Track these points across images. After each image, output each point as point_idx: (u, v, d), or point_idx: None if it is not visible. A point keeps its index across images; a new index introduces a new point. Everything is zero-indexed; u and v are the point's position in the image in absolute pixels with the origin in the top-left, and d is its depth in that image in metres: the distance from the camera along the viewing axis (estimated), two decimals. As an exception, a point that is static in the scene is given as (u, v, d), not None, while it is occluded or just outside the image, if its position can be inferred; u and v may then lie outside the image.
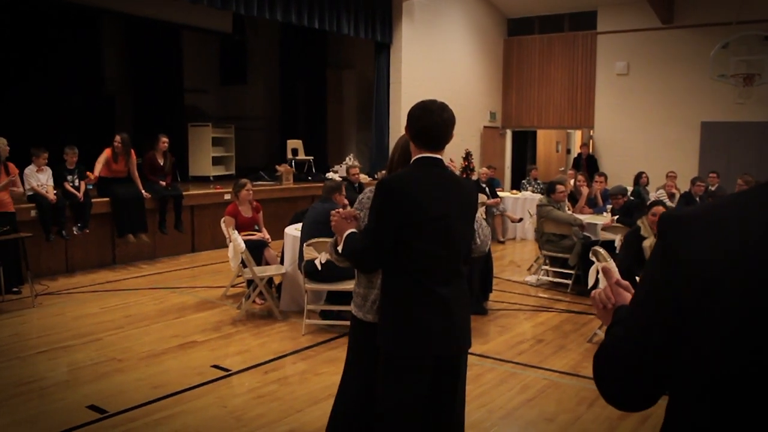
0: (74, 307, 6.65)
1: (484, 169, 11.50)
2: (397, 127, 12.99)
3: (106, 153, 8.56)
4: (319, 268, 5.47)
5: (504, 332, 6.05)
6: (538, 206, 7.69)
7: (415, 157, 2.70)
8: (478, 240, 3.05)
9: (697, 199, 9.62)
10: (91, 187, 8.53)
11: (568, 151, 17.88)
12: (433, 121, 2.63)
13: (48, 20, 10.87)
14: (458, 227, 2.69)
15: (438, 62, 13.55)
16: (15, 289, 7.01)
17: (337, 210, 3.29)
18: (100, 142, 8.98)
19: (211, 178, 11.72)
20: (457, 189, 2.72)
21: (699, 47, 12.95)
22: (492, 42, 15.35)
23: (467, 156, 13.84)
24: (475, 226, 3.03)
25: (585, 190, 9.20)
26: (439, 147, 2.68)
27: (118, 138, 8.59)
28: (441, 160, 2.70)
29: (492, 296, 6.97)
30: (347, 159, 12.57)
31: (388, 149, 13.07)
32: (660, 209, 5.81)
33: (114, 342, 5.54)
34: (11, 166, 7.05)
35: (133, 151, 8.81)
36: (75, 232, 8.05)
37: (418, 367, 2.64)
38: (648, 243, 5.85)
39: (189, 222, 9.61)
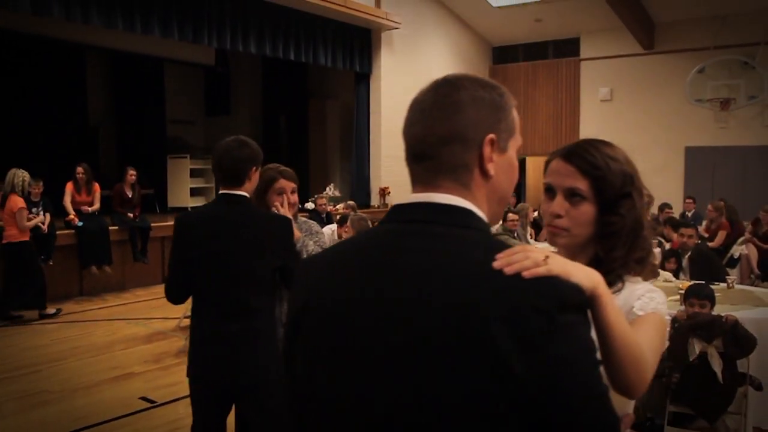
0: (26, 339, 6.68)
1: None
2: (378, 156, 13.04)
3: (69, 187, 8.60)
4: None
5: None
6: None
7: (218, 193, 2.77)
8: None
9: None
10: (81, 224, 8.48)
11: (557, 178, 17.81)
12: (226, 158, 2.66)
13: (32, 56, 11.06)
14: (245, 264, 2.65)
15: (420, 91, 13.59)
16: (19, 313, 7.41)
17: None
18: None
19: (189, 209, 11.79)
20: (252, 226, 2.70)
21: (680, 72, 12.91)
22: (477, 70, 15.43)
23: (450, 184, 13.86)
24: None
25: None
26: (235, 183, 2.68)
27: (80, 168, 8.65)
28: (242, 196, 2.69)
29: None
30: (328, 189, 12.61)
31: (368, 179, 13.11)
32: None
33: (52, 374, 5.55)
34: None
35: (96, 183, 8.88)
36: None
37: (203, 396, 2.73)
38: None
39: (159, 252, 9.64)
